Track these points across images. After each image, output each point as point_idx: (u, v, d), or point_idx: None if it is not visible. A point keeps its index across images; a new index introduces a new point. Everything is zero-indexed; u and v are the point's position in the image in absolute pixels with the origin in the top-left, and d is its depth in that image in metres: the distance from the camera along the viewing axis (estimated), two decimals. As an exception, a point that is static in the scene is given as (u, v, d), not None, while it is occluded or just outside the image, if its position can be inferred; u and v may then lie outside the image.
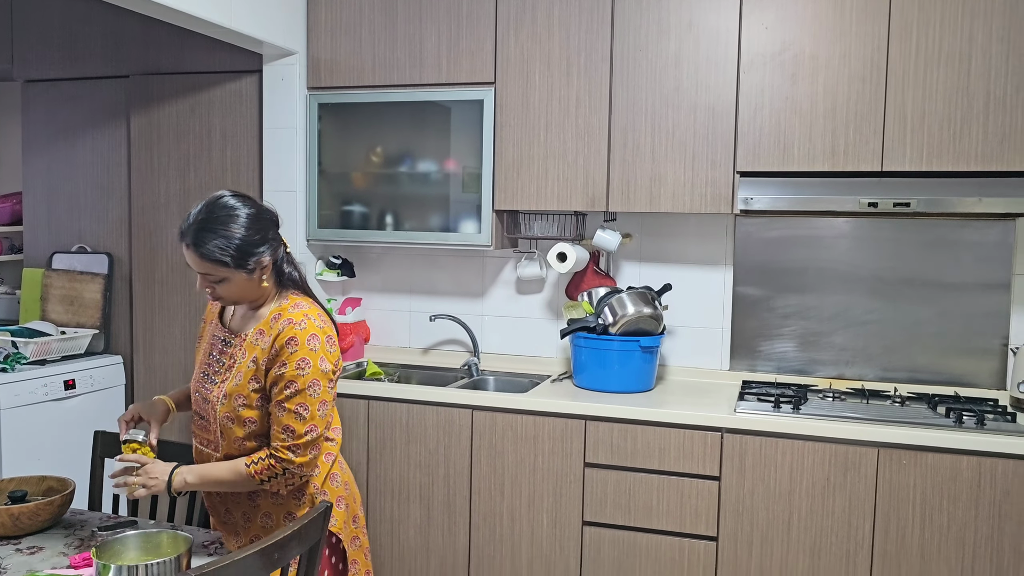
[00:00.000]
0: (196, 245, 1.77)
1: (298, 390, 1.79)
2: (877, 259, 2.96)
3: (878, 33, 2.63)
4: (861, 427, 2.49)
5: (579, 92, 2.92)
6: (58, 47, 3.54)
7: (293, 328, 1.80)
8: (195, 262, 1.79)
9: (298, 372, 1.78)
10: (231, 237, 1.77)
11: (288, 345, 1.79)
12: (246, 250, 1.78)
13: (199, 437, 1.96)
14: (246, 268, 1.80)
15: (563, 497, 2.76)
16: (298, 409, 1.80)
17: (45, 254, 3.63)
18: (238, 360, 1.86)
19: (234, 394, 1.84)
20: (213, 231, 1.76)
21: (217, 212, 1.78)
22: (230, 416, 1.85)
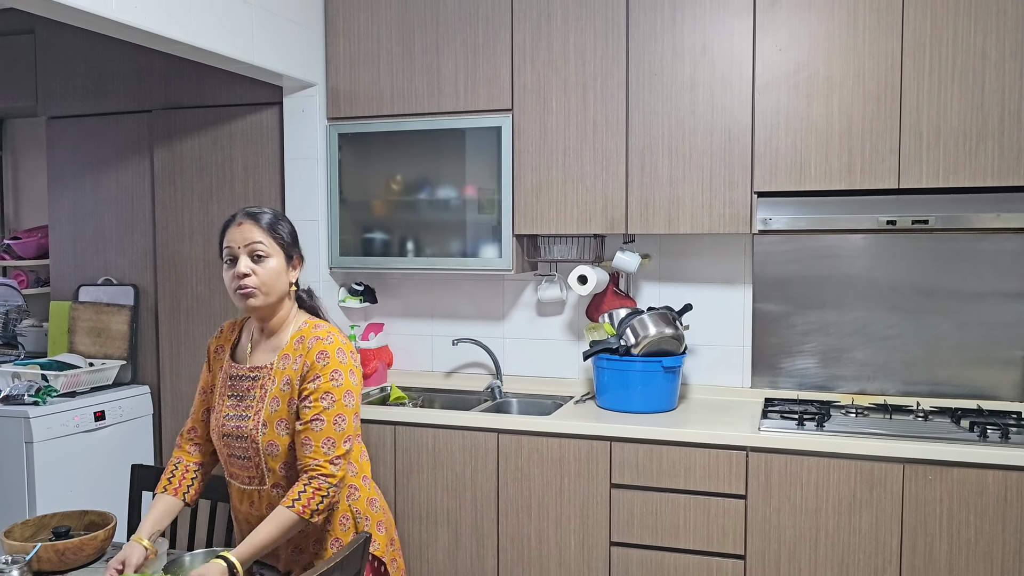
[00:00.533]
0: (254, 217, 1.89)
1: (335, 401, 1.81)
2: (895, 273, 2.99)
3: (891, 52, 2.67)
4: (886, 443, 2.51)
5: (596, 117, 2.96)
6: (82, 84, 3.62)
7: (321, 343, 1.86)
8: (249, 231, 1.87)
9: (332, 384, 1.82)
10: (286, 221, 1.95)
11: (320, 358, 1.84)
12: (293, 235, 1.95)
13: (240, 478, 1.94)
14: (288, 252, 1.91)
15: (590, 518, 2.78)
16: (337, 420, 1.81)
17: (72, 287, 3.69)
18: (269, 388, 1.88)
19: (274, 420, 1.86)
20: (269, 213, 1.93)
21: (268, 209, 1.96)
22: (275, 443, 1.85)
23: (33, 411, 3.04)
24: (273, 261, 1.87)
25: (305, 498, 1.77)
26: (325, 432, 1.80)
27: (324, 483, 1.78)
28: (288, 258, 1.91)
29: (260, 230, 1.87)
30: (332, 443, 1.80)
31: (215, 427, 1.95)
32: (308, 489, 1.77)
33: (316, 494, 1.77)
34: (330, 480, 1.79)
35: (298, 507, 1.76)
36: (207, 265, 3.44)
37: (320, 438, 1.80)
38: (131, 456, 3.36)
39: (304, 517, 1.77)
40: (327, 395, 1.81)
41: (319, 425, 1.80)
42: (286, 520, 1.76)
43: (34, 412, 3.04)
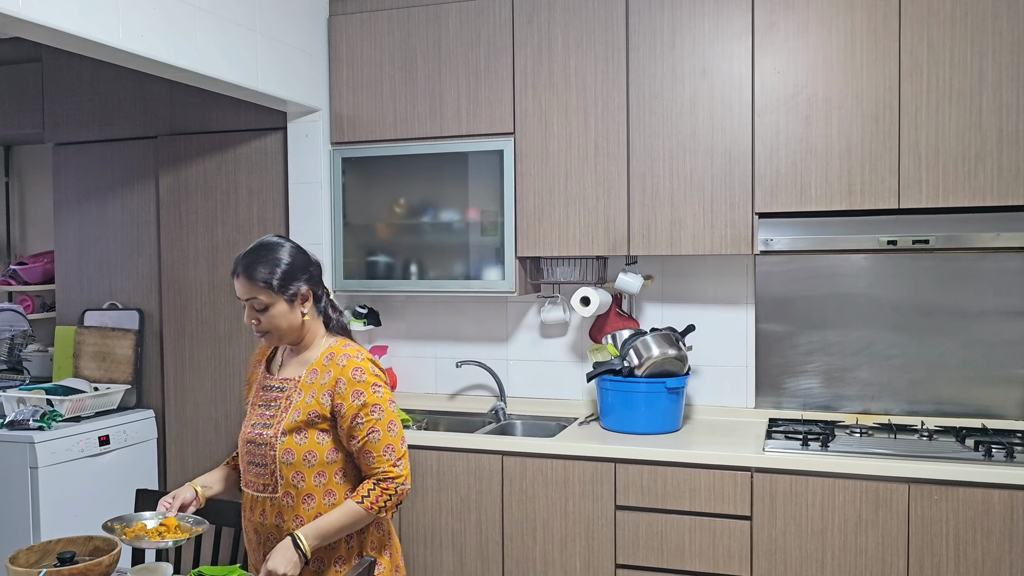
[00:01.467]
0: (246, 271, 1.93)
1: (383, 410, 1.90)
2: (897, 293, 2.99)
3: (889, 74, 2.69)
4: (891, 463, 2.51)
5: (597, 140, 2.99)
6: (88, 110, 3.66)
7: (354, 360, 1.93)
8: (242, 288, 1.93)
9: (376, 395, 1.90)
10: (276, 262, 1.94)
11: (357, 375, 1.91)
12: (289, 275, 1.93)
13: (254, 485, 1.99)
14: (286, 295, 1.93)
15: (595, 540, 2.77)
16: (390, 427, 1.91)
17: (77, 311, 3.71)
18: (294, 400, 1.95)
19: (293, 429, 1.91)
20: (261, 260, 1.94)
21: (265, 244, 1.98)
22: (291, 451, 1.91)
23: (38, 436, 3.05)
24: (273, 309, 1.93)
25: (374, 495, 1.88)
26: (384, 440, 1.90)
27: (391, 484, 1.89)
28: (291, 299, 1.94)
29: (252, 285, 1.92)
30: (391, 448, 1.90)
31: (242, 433, 2.03)
32: (377, 488, 1.89)
33: (384, 493, 1.89)
34: (396, 480, 1.90)
35: (367, 503, 1.87)
36: (212, 289, 3.46)
37: (380, 447, 1.89)
38: (135, 481, 3.36)
39: (371, 512, 1.88)
40: (376, 407, 1.90)
41: (376, 436, 1.89)
42: (353, 511, 1.88)
43: (39, 437, 3.05)
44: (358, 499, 1.87)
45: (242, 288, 1.94)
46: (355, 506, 1.87)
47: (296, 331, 1.97)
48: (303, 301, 1.96)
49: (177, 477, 3.52)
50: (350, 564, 1.95)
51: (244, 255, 1.96)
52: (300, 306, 1.96)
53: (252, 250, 1.96)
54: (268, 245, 1.97)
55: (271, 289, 1.91)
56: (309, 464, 1.91)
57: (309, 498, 1.92)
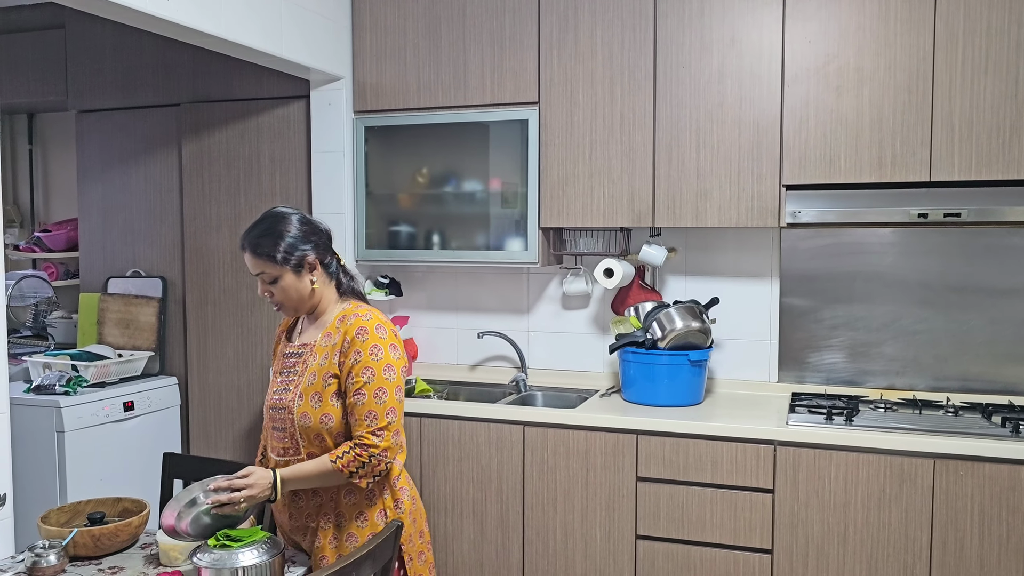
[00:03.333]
0: (251, 246, 1.96)
1: (375, 374, 1.88)
2: (925, 267, 2.96)
3: (923, 44, 2.64)
4: (916, 438, 2.49)
5: (623, 110, 2.95)
6: (111, 78, 3.65)
7: (361, 320, 1.94)
8: (250, 262, 1.97)
9: (372, 358, 1.89)
10: (280, 235, 1.95)
11: (359, 335, 1.91)
12: (292, 246, 1.94)
13: (276, 449, 2.02)
14: (291, 264, 1.94)
15: (616, 511, 2.78)
16: (377, 393, 1.88)
17: (101, 279, 3.73)
18: (310, 364, 1.98)
19: (309, 393, 1.93)
20: (265, 233, 1.96)
21: (269, 218, 2.00)
22: (307, 414, 1.93)
23: (64, 401, 3.08)
24: (282, 280, 1.95)
25: (347, 459, 1.87)
26: (367, 405, 1.88)
27: (365, 452, 1.87)
28: (296, 268, 1.95)
29: (257, 260, 1.95)
30: (374, 416, 1.88)
31: (266, 400, 2.06)
32: (351, 452, 1.87)
33: (357, 459, 1.86)
34: (371, 449, 1.87)
35: (339, 464, 1.86)
36: (234, 257, 3.47)
37: (363, 411, 1.88)
38: (160, 446, 3.39)
39: (343, 473, 1.87)
40: (367, 369, 1.89)
41: (361, 399, 1.88)
42: (325, 466, 1.87)
43: (65, 402, 3.08)
44: (333, 457, 1.87)
45: (250, 262, 1.97)
46: (327, 462, 1.87)
47: (308, 300, 1.99)
48: (310, 269, 1.97)
49: (200, 443, 3.55)
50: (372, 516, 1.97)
51: (249, 230, 1.99)
52: (308, 275, 1.97)
53: (256, 224, 1.99)
54: (272, 217, 1.98)
55: (275, 261, 1.93)
56: (326, 427, 1.93)
57: None
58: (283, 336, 2.15)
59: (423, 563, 2.07)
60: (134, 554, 1.95)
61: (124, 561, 1.91)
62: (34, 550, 1.84)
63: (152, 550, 1.98)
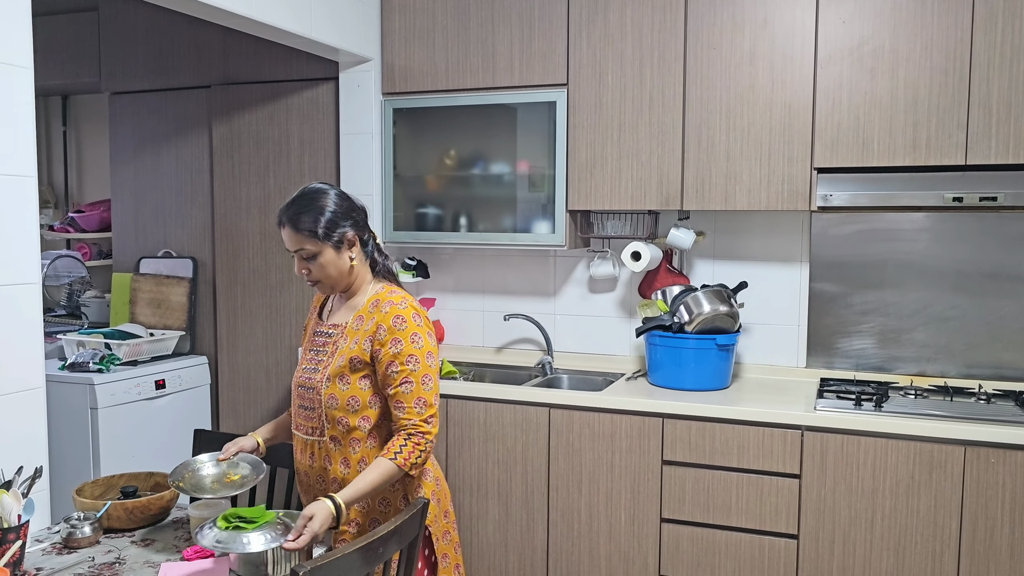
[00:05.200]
0: (291, 221, 1.92)
1: (419, 362, 1.88)
2: (959, 253, 2.91)
3: (961, 24, 2.58)
4: (946, 425, 2.46)
5: (652, 91, 2.93)
6: (143, 60, 3.69)
7: (396, 308, 1.92)
8: (289, 238, 1.94)
9: (415, 346, 1.88)
10: (320, 210, 1.92)
11: (397, 323, 1.90)
12: (333, 222, 1.92)
13: (303, 427, 2.02)
14: (332, 241, 1.92)
15: (641, 494, 2.78)
16: (424, 380, 1.89)
17: (133, 259, 3.78)
18: (340, 345, 1.96)
19: (337, 375, 1.93)
20: (305, 209, 1.93)
21: (308, 193, 1.96)
22: (335, 396, 1.93)
23: (97, 378, 3.14)
24: (321, 257, 1.93)
25: (406, 451, 1.85)
26: (416, 392, 1.87)
27: (422, 439, 1.86)
28: (337, 245, 1.93)
29: (297, 235, 1.92)
30: (424, 402, 1.88)
31: (295, 377, 2.05)
32: (409, 443, 1.85)
33: (416, 448, 1.85)
34: (427, 436, 1.87)
35: (399, 460, 1.84)
36: (264, 238, 3.50)
37: (412, 399, 1.87)
38: (190, 423, 3.45)
39: (404, 469, 1.85)
40: (412, 357, 1.88)
41: (409, 388, 1.87)
42: (387, 469, 1.84)
43: (98, 379, 3.13)
44: (391, 456, 1.84)
45: (289, 238, 1.94)
46: (388, 463, 1.84)
47: (345, 277, 1.98)
48: (350, 246, 1.96)
49: (229, 422, 3.60)
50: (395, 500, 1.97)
51: (287, 205, 1.96)
52: (347, 251, 1.95)
53: (295, 200, 1.96)
54: (311, 193, 1.96)
55: (316, 237, 1.91)
56: (353, 409, 1.92)
57: (355, 442, 1.93)
58: (315, 312, 2.15)
59: (448, 542, 2.09)
60: (166, 527, 1.99)
61: (156, 534, 1.95)
62: (69, 522, 1.88)
63: (184, 524, 2.01)
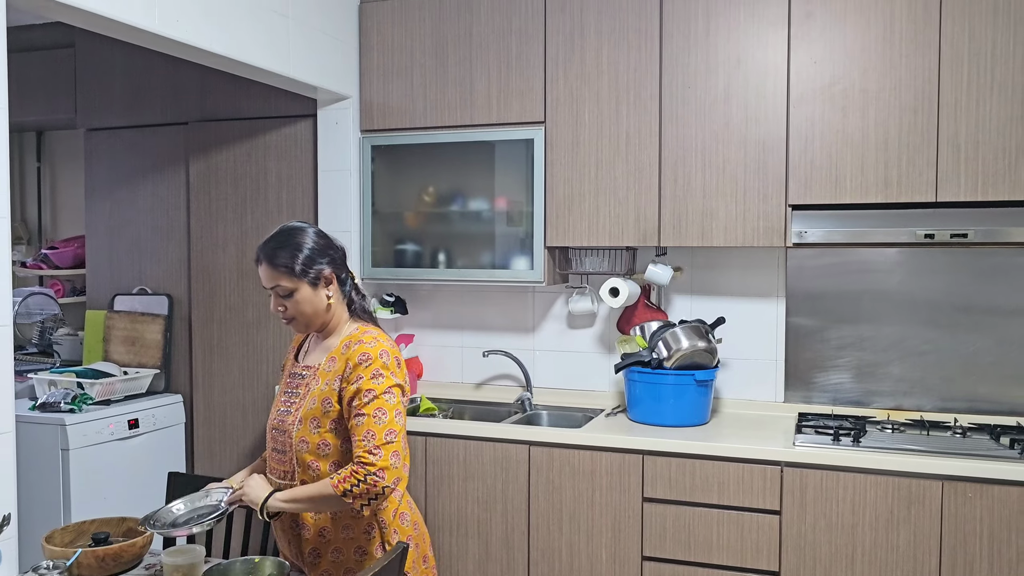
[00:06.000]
0: (267, 257, 1.94)
1: (375, 396, 1.85)
2: (932, 288, 2.95)
3: (928, 65, 2.65)
4: (924, 460, 2.47)
5: (629, 129, 2.96)
6: (120, 96, 3.68)
7: (364, 346, 1.91)
8: (265, 274, 1.95)
9: (373, 382, 1.86)
10: (298, 247, 1.94)
11: (362, 361, 1.88)
12: (310, 259, 1.93)
13: (276, 471, 2.00)
14: (308, 277, 1.93)
15: (622, 532, 2.76)
16: (376, 413, 1.84)
17: (107, 296, 3.74)
18: (312, 388, 1.96)
19: (308, 417, 1.91)
20: (282, 245, 1.95)
21: (286, 231, 1.99)
22: (305, 440, 1.91)
23: (69, 418, 3.08)
24: (297, 294, 1.93)
25: (342, 475, 1.83)
26: (365, 425, 1.84)
27: (361, 469, 1.82)
28: (313, 282, 1.94)
29: (274, 271, 1.93)
30: (372, 435, 1.83)
31: (269, 420, 2.04)
32: (347, 470, 1.83)
33: (353, 476, 1.81)
34: (367, 468, 1.81)
35: (335, 480, 1.82)
36: (240, 276, 3.48)
37: (361, 431, 1.84)
38: (164, 464, 3.39)
39: (336, 492, 1.82)
40: (368, 392, 1.86)
41: (360, 420, 1.85)
42: (322, 487, 1.84)
43: (70, 419, 3.08)
44: (333, 476, 1.84)
45: (266, 275, 1.95)
46: (327, 484, 1.83)
47: (322, 316, 1.98)
48: (327, 284, 1.96)
49: (204, 461, 3.55)
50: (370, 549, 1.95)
51: (265, 242, 1.97)
52: (324, 289, 1.96)
53: (273, 237, 1.97)
54: (289, 231, 1.97)
55: (293, 273, 1.92)
56: (323, 454, 1.91)
57: None
58: (292, 354, 2.14)
59: None
60: (139, 575, 1.94)
61: (128, 582, 1.90)
62: (38, 571, 1.83)
63: (156, 570, 1.97)
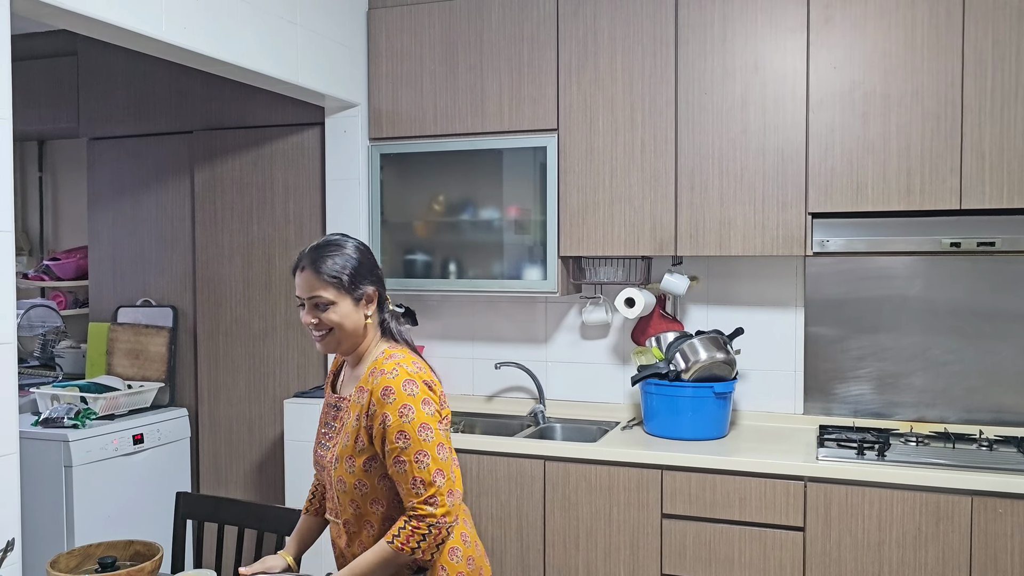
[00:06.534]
0: (313, 264, 1.81)
1: (410, 438, 1.71)
2: (954, 296, 2.89)
3: (951, 69, 2.59)
4: (952, 474, 2.41)
5: (644, 137, 2.90)
6: (123, 105, 3.62)
7: (386, 378, 1.75)
8: (306, 283, 1.81)
9: (403, 420, 1.72)
10: (347, 258, 1.82)
11: (385, 395, 1.74)
12: (359, 273, 1.82)
13: (327, 508, 1.93)
14: (354, 293, 1.80)
15: (641, 549, 2.69)
16: (417, 458, 1.71)
17: (110, 308, 3.67)
18: (346, 422, 1.84)
19: (344, 456, 1.81)
20: (330, 254, 1.82)
21: (332, 241, 1.86)
22: (342, 479, 1.81)
23: (72, 434, 3.01)
24: (339, 307, 1.80)
25: (404, 535, 1.72)
26: (410, 472, 1.72)
27: (422, 523, 1.71)
28: (358, 298, 1.81)
29: (317, 280, 1.79)
30: (421, 483, 1.71)
31: (313, 452, 1.96)
32: (407, 527, 1.72)
33: (416, 532, 1.71)
34: (429, 520, 1.71)
35: (396, 543, 1.72)
36: (246, 286, 3.41)
37: (407, 479, 1.72)
38: (169, 480, 3.32)
39: (403, 552, 1.72)
40: (401, 434, 1.72)
41: (402, 467, 1.73)
42: (383, 552, 1.74)
43: (73, 435, 3.01)
44: (389, 538, 1.72)
45: (305, 283, 1.81)
46: (385, 546, 1.72)
47: (357, 335, 1.84)
48: (368, 302, 1.84)
49: (209, 477, 3.48)
50: None
51: (311, 249, 1.84)
52: (365, 307, 1.83)
53: (320, 244, 1.85)
54: (337, 241, 1.85)
55: (340, 285, 1.79)
56: (361, 493, 1.80)
57: (368, 525, 1.82)
58: (329, 381, 2.01)
59: None
60: (147, 601, 1.87)
61: (137, 609, 1.83)
62: (43, 598, 1.76)
63: (165, 596, 1.90)
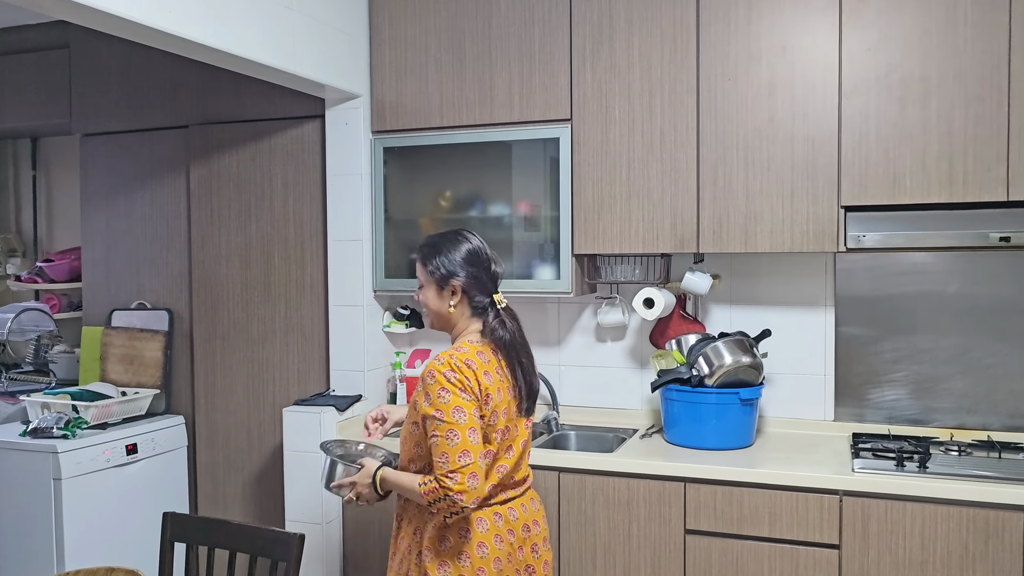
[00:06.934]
0: (420, 250, 2.09)
1: (443, 418, 1.87)
2: (996, 294, 2.70)
3: (997, 49, 2.40)
4: (1000, 488, 2.22)
5: (663, 126, 2.72)
6: (116, 100, 3.47)
7: (433, 363, 1.94)
8: (417, 267, 2.09)
9: (441, 400, 1.88)
10: (439, 250, 2.05)
11: (428, 378, 1.92)
12: (444, 263, 2.02)
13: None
14: (438, 281, 2.03)
15: (663, 568, 2.52)
16: (448, 435, 1.86)
17: (104, 311, 3.52)
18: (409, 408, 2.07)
19: (404, 437, 2.04)
20: (433, 244, 2.07)
21: (449, 233, 2.10)
22: (406, 453, 2.03)
23: (62, 445, 2.86)
24: (425, 290, 2.06)
25: (429, 486, 1.87)
26: (440, 447, 1.86)
27: (441, 489, 1.85)
28: (440, 285, 2.03)
29: (419, 264, 2.08)
30: (446, 458, 1.85)
31: None
32: (434, 482, 1.86)
33: (435, 491, 1.86)
34: (446, 491, 1.83)
35: (422, 488, 1.88)
36: (244, 288, 3.26)
37: (437, 452, 1.87)
38: (164, 492, 3.17)
39: (423, 496, 1.88)
40: (437, 412, 1.88)
41: (435, 441, 1.88)
42: (414, 484, 1.91)
43: (63, 446, 2.86)
44: (422, 481, 1.89)
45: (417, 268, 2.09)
46: (416, 483, 1.90)
47: (443, 319, 2.06)
48: (452, 293, 2.02)
49: (207, 488, 3.32)
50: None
51: (427, 237, 2.12)
52: (449, 298, 2.03)
53: (435, 234, 2.11)
54: (450, 234, 2.08)
55: (425, 270, 2.05)
56: (406, 449, 2.02)
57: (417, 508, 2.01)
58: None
59: None
60: (126, 635, 1.72)
61: (114, 644, 1.67)
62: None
63: (147, 628, 1.74)
